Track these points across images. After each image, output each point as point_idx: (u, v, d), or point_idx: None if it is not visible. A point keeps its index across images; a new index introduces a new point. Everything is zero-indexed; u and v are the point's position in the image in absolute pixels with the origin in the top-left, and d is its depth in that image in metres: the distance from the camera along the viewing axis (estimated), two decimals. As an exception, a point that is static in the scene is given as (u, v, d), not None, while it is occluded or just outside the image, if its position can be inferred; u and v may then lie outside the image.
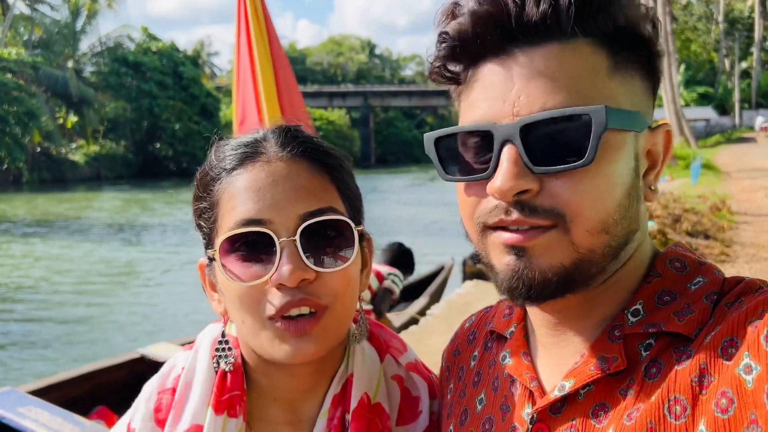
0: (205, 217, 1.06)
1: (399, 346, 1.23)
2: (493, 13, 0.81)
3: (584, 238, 0.80)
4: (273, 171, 1.01)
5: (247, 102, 4.27)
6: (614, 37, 0.82)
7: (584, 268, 0.82)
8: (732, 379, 0.73)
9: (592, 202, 0.79)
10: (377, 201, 35.30)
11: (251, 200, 0.99)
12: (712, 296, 0.83)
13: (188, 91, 57.72)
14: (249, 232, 0.98)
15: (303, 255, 0.97)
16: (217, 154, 1.07)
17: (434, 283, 9.31)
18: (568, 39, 0.80)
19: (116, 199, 37.47)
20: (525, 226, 0.81)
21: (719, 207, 15.06)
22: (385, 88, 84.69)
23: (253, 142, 1.06)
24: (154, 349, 4.89)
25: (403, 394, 1.17)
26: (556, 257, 0.81)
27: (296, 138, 1.06)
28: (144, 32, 60.38)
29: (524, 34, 0.81)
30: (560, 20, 0.79)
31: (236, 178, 1.02)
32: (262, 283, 0.97)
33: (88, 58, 58.51)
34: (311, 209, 0.99)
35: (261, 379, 1.10)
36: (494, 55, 0.83)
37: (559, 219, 0.80)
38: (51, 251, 19.37)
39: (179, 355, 1.16)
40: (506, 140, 0.80)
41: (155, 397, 1.11)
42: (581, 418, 0.84)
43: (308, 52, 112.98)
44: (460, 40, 0.85)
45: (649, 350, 0.82)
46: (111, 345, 10.31)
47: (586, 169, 0.78)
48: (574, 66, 0.80)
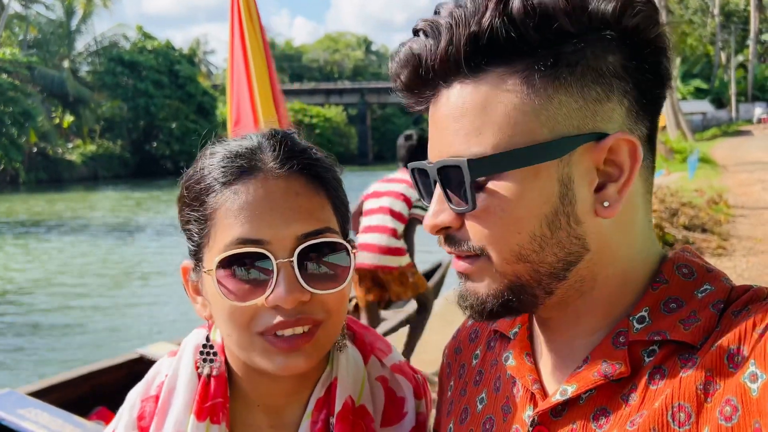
0: (196, 226, 1.03)
1: (384, 347, 1.23)
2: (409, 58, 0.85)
3: (505, 267, 0.83)
4: (271, 189, 0.99)
5: (242, 102, 4.25)
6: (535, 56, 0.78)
7: (520, 291, 0.85)
8: (737, 387, 0.72)
9: (499, 238, 0.82)
10: (375, 198, 35.21)
11: (248, 219, 0.97)
12: (719, 304, 0.82)
13: (184, 90, 57.64)
14: (246, 253, 0.96)
15: (299, 277, 0.96)
16: (210, 161, 1.04)
17: (432, 280, 9.31)
18: (474, 74, 0.80)
19: (113, 198, 37.42)
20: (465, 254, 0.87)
21: (716, 200, 15.10)
22: (382, 85, 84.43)
23: (249, 153, 1.02)
24: (153, 348, 4.89)
25: (387, 396, 1.17)
26: (489, 282, 0.85)
27: (294, 151, 1.03)
28: (139, 31, 60.21)
29: (438, 75, 0.83)
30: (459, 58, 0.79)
31: (232, 193, 0.99)
32: (256, 302, 0.97)
33: (84, 57, 58.43)
34: (309, 230, 0.98)
35: (245, 386, 1.10)
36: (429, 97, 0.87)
37: (479, 251, 0.84)
38: (47, 251, 19.36)
39: (163, 361, 1.16)
40: (434, 179, 0.86)
41: (138, 404, 1.10)
42: (582, 422, 0.83)
43: (304, 50, 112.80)
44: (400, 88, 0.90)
45: (653, 357, 0.82)
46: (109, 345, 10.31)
47: (481, 210, 0.81)
48: (476, 103, 0.79)
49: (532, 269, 0.83)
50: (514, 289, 0.85)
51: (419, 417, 1.19)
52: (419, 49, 0.82)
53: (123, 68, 55.23)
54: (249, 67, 4.25)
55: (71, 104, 53.04)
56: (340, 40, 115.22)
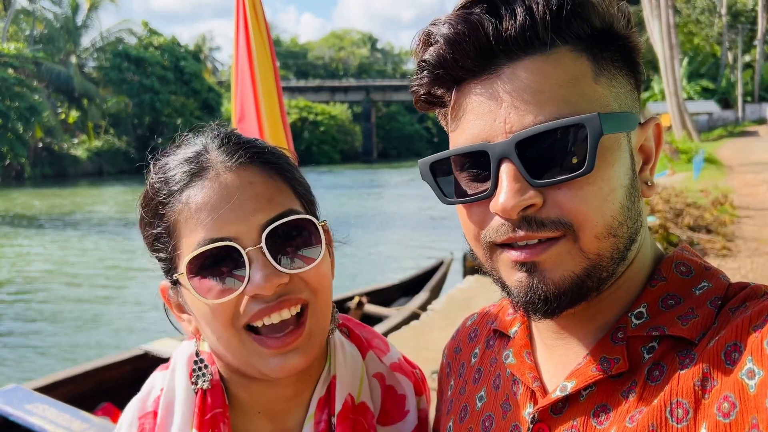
0: (162, 243, 1.02)
1: (381, 345, 1.23)
2: (469, 34, 0.80)
3: (593, 244, 0.80)
4: (225, 184, 0.97)
5: (246, 98, 4.25)
6: (593, 41, 0.82)
7: (595, 273, 0.82)
8: (734, 383, 0.73)
9: (597, 208, 0.79)
10: (378, 195, 35.26)
11: (210, 218, 0.96)
12: (717, 301, 0.83)
13: (190, 86, 57.73)
14: (213, 249, 0.95)
15: (272, 261, 0.95)
16: (159, 176, 1.03)
17: (434, 278, 9.33)
18: (549, 49, 0.80)
19: (118, 193, 37.49)
20: (534, 241, 0.81)
21: (721, 201, 15.04)
22: (387, 83, 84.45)
23: (195, 156, 1.01)
24: (157, 345, 4.91)
25: (385, 392, 1.17)
26: (567, 267, 0.81)
27: (240, 144, 1.03)
28: (145, 27, 60.29)
29: (504, 50, 0.80)
30: (538, 31, 0.79)
31: (188, 198, 0.98)
32: (235, 297, 0.95)
33: (90, 53, 58.51)
34: (271, 216, 0.97)
35: (241, 394, 1.08)
36: (477, 76, 0.83)
37: (567, 229, 0.80)
38: (51, 246, 19.41)
39: (156, 376, 1.14)
40: (503, 157, 0.80)
41: (137, 423, 1.08)
42: (582, 419, 0.84)
43: (310, 47, 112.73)
44: (441, 66, 0.85)
45: (652, 353, 0.83)
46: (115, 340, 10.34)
47: (587, 176, 0.78)
48: (559, 76, 0.79)
49: (615, 245, 0.82)
50: (593, 271, 0.82)
51: (421, 413, 1.20)
52: (486, 24, 0.80)
53: (129, 64, 55.31)
54: (253, 64, 4.25)
55: (77, 100, 53.17)
56: (346, 37, 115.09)
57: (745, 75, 59.30)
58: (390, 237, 19.45)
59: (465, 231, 0.90)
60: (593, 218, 0.79)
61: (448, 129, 0.91)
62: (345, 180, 47.19)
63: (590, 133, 0.77)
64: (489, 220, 0.84)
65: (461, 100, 0.86)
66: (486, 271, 0.91)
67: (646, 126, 0.89)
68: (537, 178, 0.79)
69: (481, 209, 0.84)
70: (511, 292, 0.85)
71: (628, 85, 0.87)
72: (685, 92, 47.89)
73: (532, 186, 0.79)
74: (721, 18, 57.22)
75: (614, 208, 0.80)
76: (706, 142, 35.80)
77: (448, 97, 0.88)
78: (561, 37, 0.80)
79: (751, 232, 12.89)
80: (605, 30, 0.83)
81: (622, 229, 0.82)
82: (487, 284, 3.42)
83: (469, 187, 0.86)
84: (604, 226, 0.80)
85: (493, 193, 0.81)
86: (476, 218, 0.86)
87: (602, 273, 0.83)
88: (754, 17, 58.51)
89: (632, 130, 0.84)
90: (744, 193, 17.63)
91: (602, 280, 0.83)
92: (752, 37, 61.18)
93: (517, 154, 0.79)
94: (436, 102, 0.90)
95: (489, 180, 0.82)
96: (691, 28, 56.50)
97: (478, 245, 0.87)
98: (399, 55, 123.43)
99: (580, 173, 0.77)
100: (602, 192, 0.79)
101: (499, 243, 0.84)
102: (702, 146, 29.15)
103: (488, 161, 0.81)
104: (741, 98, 57.46)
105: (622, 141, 0.82)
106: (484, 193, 0.82)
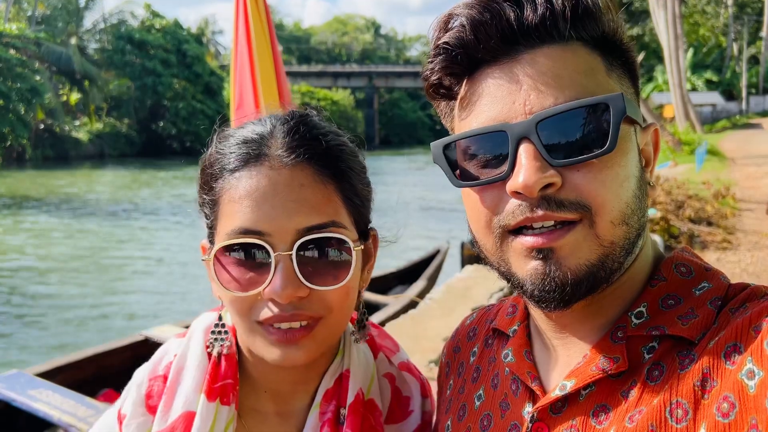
0: (207, 210, 1.05)
1: (391, 346, 1.24)
2: (493, 19, 0.83)
3: (608, 230, 0.81)
4: (275, 180, 0.96)
5: (245, 84, 4.21)
6: (602, 42, 0.86)
7: (607, 263, 0.83)
8: (734, 384, 0.73)
9: (615, 192, 0.81)
10: (380, 183, 35.18)
11: (250, 209, 0.96)
12: (717, 301, 0.83)
13: (192, 70, 57.41)
14: (245, 243, 0.95)
15: (298, 271, 0.94)
16: (220, 148, 1.03)
17: (431, 266, 9.34)
18: (566, 41, 0.84)
19: (120, 176, 37.46)
20: (549, 224, 0.81)
21: (723, 194, 15.01)
22: (390, 69, 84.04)
23: (259, 139, 1.00)
24: (158, 331, 4.93)
25: (393, 393, 1.18)
26: (583, 254, 0.81)
27: (305, 139, 1.00)
28: (147, 9, 59.90)
29: (524, 38, 0.83)
30: (557, 23, 0.83)
31: (237, 181, 0.98)
32: (254, 293, 0.96)
33: (92, 34, 58.16)
34: (311, 224, 0.96)
35: (252, 371, 1.10)
36: (494, 61, 0.85)
37: (585, 212, 0.80)
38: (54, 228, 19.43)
39: (172, 342, 1.16)
40: (522, 137, 0.81)
41: (146, 383, 1.10)
42: (582, 418, 0.84)
43: (313, 31, 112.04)
44: (462, 47, 0.86)
45: (652, 353, 0.83)
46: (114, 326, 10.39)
47: (605, 159, 0.80)
48: (577, 65, 0.83)
49: (627, 234, 0.83)
50: (605, 260, 0.82)
51: (425, 416, 1.20)
52: (509, 12, 0.84)
53: (131, 47, 55.01)
54: (252, 51, 4.21)
55: (78, 82, 52.91)
56: (349, 22, 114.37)
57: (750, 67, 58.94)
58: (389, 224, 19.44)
59: (474, 219, 0.89)
60: (611, 202, 0.81)
61: (456, 119, 0.91)
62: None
63: (614, 112, 0.79)
64: (503, 204, 0.84)
65: (475, 86, 0.87)
66: (490, 263, 0.90)
67: (647, 130, 0.92)
68: (556, 158, 0.80)
69: (495, 193, 0.84)
70: (524, 283, 0.84)
71: (632, 89, 0.90)
72: (690, 83, 47.69)
73: (552, 166, 0.80)
74: (727, 9, 56.80)
75: (629, 195, 0.83)
76: (710, 134, 35.66)
77: (458, 88, 0.89)
78: (576, 32, 0.84)
79: (752, 225, 12.88)
80: (613, 35, 0.87)
81: (633, 218, 0.83)
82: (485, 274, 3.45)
83: (484, 170, 0.86)
84: (620, 212, 0.81)
85: (509, 174, 0.82)
86: (490, 203, 0.85)
87: (613, 264, 0.83)
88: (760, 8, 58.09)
89: (641, 126, 0.88)
90: (746, 186, 17.59)
91: (612, 272, 0.84)
92: (758, 29, 60.77)
93: (537, 134, 0.80)
94: (444, 94, 0.92)
95: (505, 162, 0.82)
96: (697, 18, 56.09)
97: (489, 233, 0.87)
98: (402, 41, 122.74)
99: (601, 152, 0.79)
100: (619, 177, 0.81)
101: (512, 228, 0.83)
102: (705, 138, 29.03)
103: (506, 142, 0.82)
104: (745, 90, 57.18)
105: (632, 134, 0.86)
106: (500, 174, 0.83)
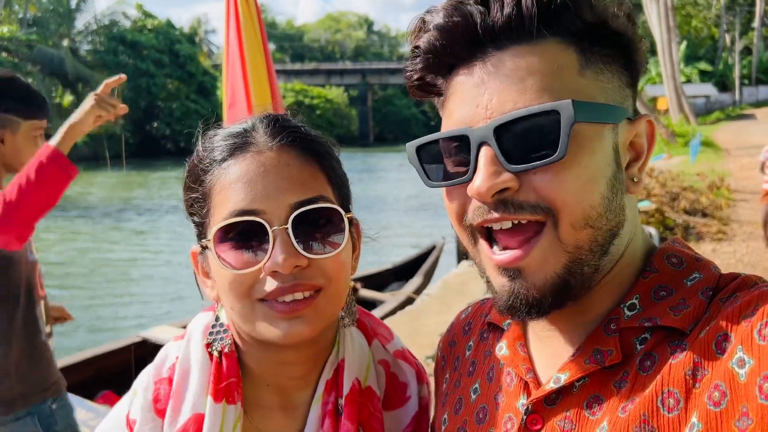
0: (197, 207, 1.08)
1: (386, 333, 1.26)
2: (459, 22, 0.84)
3: (570, 234, 0.82)
4: (264, 161, 1.03)
5: (236, 84, 4.21)
6: (584, 34, 0.84)
7: (576, 269, 0.84)
8: (725, 372, 0.74)
9: (575, 193, 0.81)
10: (375, 180, 35.20)
11: (243, 191, 1.01)
12: (708, 292, 0.84)
13: (185, 70, 57.30)
14: (242, 222, 1.00)
15: (295, 242, 1.00)
16: (206, 145, 1.09)
17: (427, 262, 9.36)
18: (535, 40, 0.83)
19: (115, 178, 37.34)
20: (508, 224, 0.84)
21: (718, 185, 15.08)
22: (384, 66, 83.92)
23: (242, 132, 1.08)
24: (155, 331, 4.92)
25: (389, 380, 1.20)
26: (550, 266, 0.83)
27: (285, 127, 1.08)
28: (139, 9, 59.71)
29: (491, 40, 0.84)
30: (524, 23, 0.82)
31: (227, 169, 1.04)
32: (255, 270, 1.00)
33: (84, 36, 57.94)
34: (301, 198, 1.02)
35: (254, 366, 1.12)
36: (465, 63, 0.87)
37: (547, 213, 0.82)
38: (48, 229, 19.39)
39: (171, 345, 1.17)
40: (482, 142, 0.83)
41: (152, 387, 1.11)
42: (575, 410, 0.85)
43: (306, 29, 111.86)
44: (431, 53, 0.88)
45: (644, 344, 0.84)
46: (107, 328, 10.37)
47: (563, 162, 0.80)
48: (543, 65, 0.82)
49: (593, 237, 0.83)
50: (573, 267, 0.83)
51: (422, 401, 1.23)
52: (475, 14, 0.84)
53: (124, 47, 54.83)
54: (243, 50, 4.20)
55: (71, 83, 52.72)
56: (342, 19, 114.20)
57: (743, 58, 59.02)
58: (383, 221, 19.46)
59: (450, 216, 0.93)
60: (571, 204, 0.81)
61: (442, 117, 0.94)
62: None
63: (563, 119, 0.79)
64: (468, 205, 0.87)
65: (450, 87, 0.90)
66: (472, 259, 0.94)
67: (636, 122, 0.90)
68: (512, 163, 0.81)
69: (462, 192, 0.87)
70: (494, 294, 0.89)
71: (618, 81, 0.88)
72: (683, 75, 47.68)
73: (508, 170, 0.82)
74: (719, 0, 56.86)
75: (594, 196, 0.82)
76: (703, 126, 35.74)
77: (443, 87, 0.92)
78: (549, 28, 0.83)
79: (746, 215, 12.93)
80: (598, 25, 0.85)
81: (600, 221, 0.83)
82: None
83: (452, 171, 0.89)
84: (582, 215, 0.82)
85: (472, 176, 0.84)
86: (458, 202, 0.89)
87: (583, 267, 0.84)
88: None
89: (616, 122, 0.86)
90: (740, 177, 17.65)
91: (586, 277, 0.85)
92: (750, 20, 60.86)
93: (495, 139, 0.81)
94: (433, 90, 0.94)
95: (470, 164, 0.84)
96: (689, 10, 56.18)
97: (462, 230, 0.91)
98: (396, 37, 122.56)
99: (553, 158, 0.80)
100: (580, 179, 0.81)
101: (477, 227, 0.87)
102: (699, 129, 29.10)
103: (469, 146, 0.84)
104: (738, 81, 57.28)
105: (605, 132, 0.84)
106: (464, 177, 0.86)
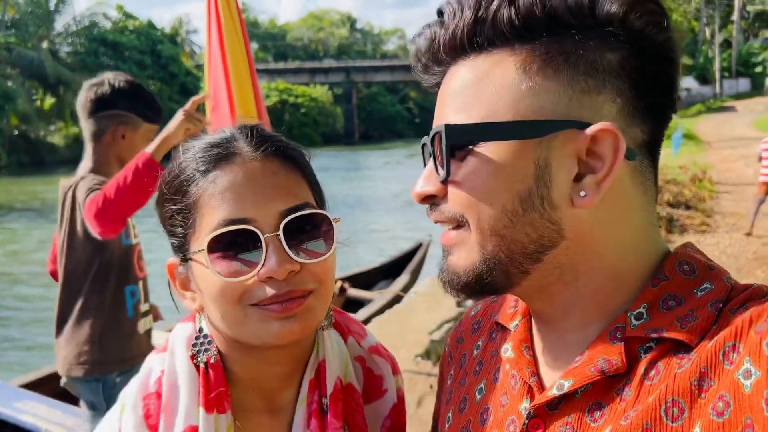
0: (180, 219, 1.07)
1: (359, 330, 1.30)
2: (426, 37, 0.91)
3: (480, 238, 0.86)
4: (250, 171, 1.04)
5: (219, 87, 4.18)
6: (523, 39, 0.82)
7: (494, 267, 0.87)
8: (730, 383, 0.73)
9: (474, 207, 0.85)
10: (360, 178, 35.21)
11: (232, 200, 1.02)
12: (718, 304, 0.82)
13: (167, 71, 56.96)
14: (234, 231, 1.01)
15: (287, 249, 1.01)
16: (186, 156, 1.09)
17: (414, 260, 9.35)
18: (495, 47, 0.85)
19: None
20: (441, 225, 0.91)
21: (700, 177, 15.26)
22: (368, 63, 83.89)
23: (224, 142, 1.08)
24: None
25: (365, 374, 1.24)
26: (467, 255, 0.88)
27: (266, 137, 1.10)
28: (119, 10, 59.21)
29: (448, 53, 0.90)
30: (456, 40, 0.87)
31: (214, 179, 1.04)
32: (249, 277, 1.01)
33: (64, 38, 57.34)
34: (290, 206, 1.03)
35: (239, 371, 1.12)
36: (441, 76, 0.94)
37: (459, 217, 0.87)
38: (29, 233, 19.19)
39: (153, 358, 1.16)
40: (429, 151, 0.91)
41: (141, 403, 1.10)
42: (577, 416, 0.85)
43: (288, 28, 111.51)
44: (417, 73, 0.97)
45: (649, 353, 0.83)
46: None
47: (454, 181, 0.87)
48: (469, 82, 0.86)
49: (505, 245, 0.85)
50: (489, 264, 0.86)
51: (398, 392, 1.28)
52: (435, 30, 0.89)
53: (105, 48, 54.38)
54: (225, 51, 4.17)
55: (52, 86, 52.17)
56: (325, 17, 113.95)
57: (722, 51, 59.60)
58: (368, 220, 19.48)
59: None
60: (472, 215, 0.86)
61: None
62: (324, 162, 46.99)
63: (443, 142, 0.86)
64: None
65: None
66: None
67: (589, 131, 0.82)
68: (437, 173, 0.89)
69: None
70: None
71: (571, 90, 0.82)
72: (664, 69, 47.85)
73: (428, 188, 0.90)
74: (698, -6, 57.35)
75: (492, 210, 0.85)
76: (685, 118, 36.11)
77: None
78: (491, 42, 0.85)
79: (729, 207, 13.10)
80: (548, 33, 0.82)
81: (507, 232, 0.85)
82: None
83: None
84: (486, 224, 0.86)
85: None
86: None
87: (503, 267, 0.87)
88: (731, -8, 58.69)
89: (537, 137, 0.82)
90: (722, 169, 17.86)
91: (512, 275, 0.88)
92: (729, 13, 61.49)
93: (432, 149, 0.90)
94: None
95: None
96: (669, 4, 56.60)
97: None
98: (379, 35, 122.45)
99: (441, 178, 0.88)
100: (475, 193, 0.85)
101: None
102: (681, 122, 29.38)
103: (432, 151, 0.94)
104: (719, 74, 57.92)
105: (518, 150, 0.82)
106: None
